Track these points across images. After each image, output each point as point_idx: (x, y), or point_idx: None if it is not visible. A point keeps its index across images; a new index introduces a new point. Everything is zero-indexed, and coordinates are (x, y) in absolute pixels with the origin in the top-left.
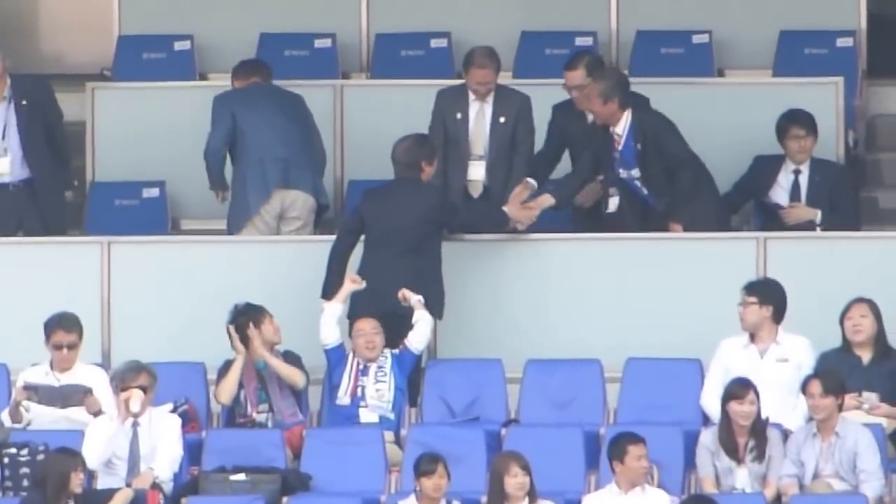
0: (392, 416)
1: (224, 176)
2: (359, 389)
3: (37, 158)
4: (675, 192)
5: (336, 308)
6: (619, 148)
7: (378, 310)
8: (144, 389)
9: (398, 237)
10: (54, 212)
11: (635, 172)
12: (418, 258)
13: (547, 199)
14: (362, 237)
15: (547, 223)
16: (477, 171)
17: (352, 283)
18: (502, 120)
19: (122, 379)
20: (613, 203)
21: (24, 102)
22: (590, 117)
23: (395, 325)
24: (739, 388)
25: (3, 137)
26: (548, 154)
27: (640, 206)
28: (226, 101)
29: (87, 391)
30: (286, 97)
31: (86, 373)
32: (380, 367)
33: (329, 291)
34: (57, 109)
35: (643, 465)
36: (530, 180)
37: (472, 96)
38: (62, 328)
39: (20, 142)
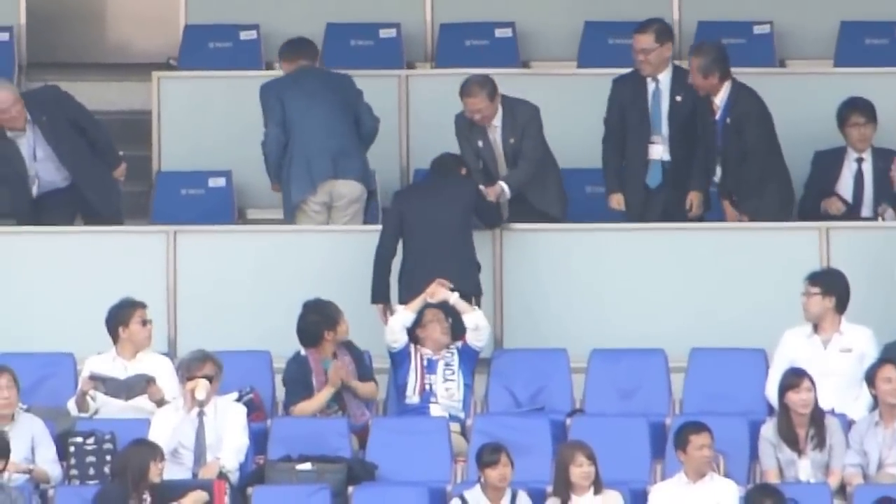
0: (462, 414)
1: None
2: (427, 386)
3: (74, 162)
4: (740, 180)
5: (408, 317)
6: (716, 118)
7: (433, 303)
8: (210, 379)
9: (442, 230)
10: (106, 206)
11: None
12: (461, 247)
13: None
14: None
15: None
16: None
17: (438, 285)
18: (511, 141)
19: (188, 368)
20: (719, 172)
21: (43, 119)
22: (650, 87)
23: (450, 314)
24: (794, 378)
25: (35, 159)
26: (612, 137)
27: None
28: (273, 89)
29: (150, 380)
30: (333, 81)
31: (151, 361)
32: (447, 365)
33: (379, 295)
34: (76, 107)
35: (704, 455)
36: (502, 184)
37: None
38: (140, 305)
39: (53, 155)
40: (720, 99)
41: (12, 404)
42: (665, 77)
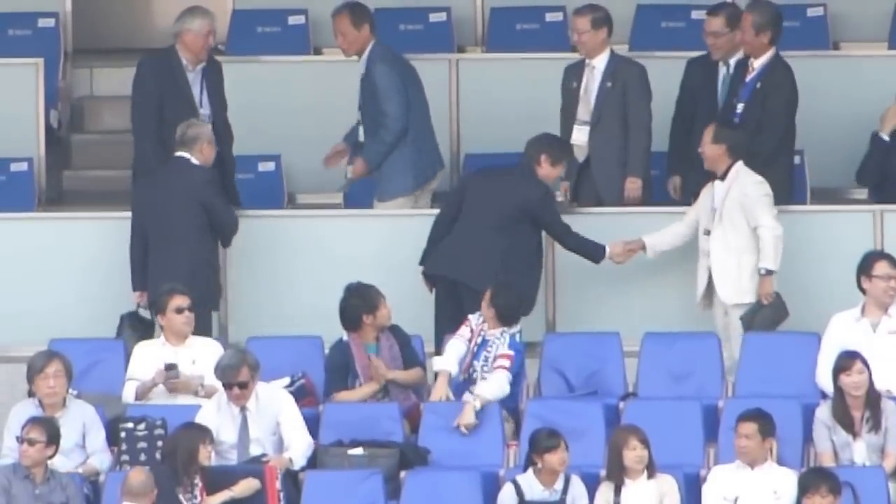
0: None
1: None
2: (470, 371)
3: (220, 127)
4: (754, 150)
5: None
6: (747, 80)
7: (453, 274)
8: (245, 385)
9: (490, 214)
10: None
11: (739, 109)
12: (508, 241)
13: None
14: None
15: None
16: (579, 136)
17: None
18: (609, 85)
19: (223, 375)
20: None
21: (211, 75)
22: (721, 72)
23: (468, 297)
24: (846, 360)
25: (201, 105)
26: (678, 119)
27: None
28: (396, 66)
29: (171, 367)
30: None
31: (201, 346)
32: (486, 359)
33: (422, 259)
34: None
35: (739, 444)
36: (634, 180)
37: (586, 63)
38: (177, 292)
39: (211, 109)
40: (759, 63)
41: (58, 394)
42: (736, 62)
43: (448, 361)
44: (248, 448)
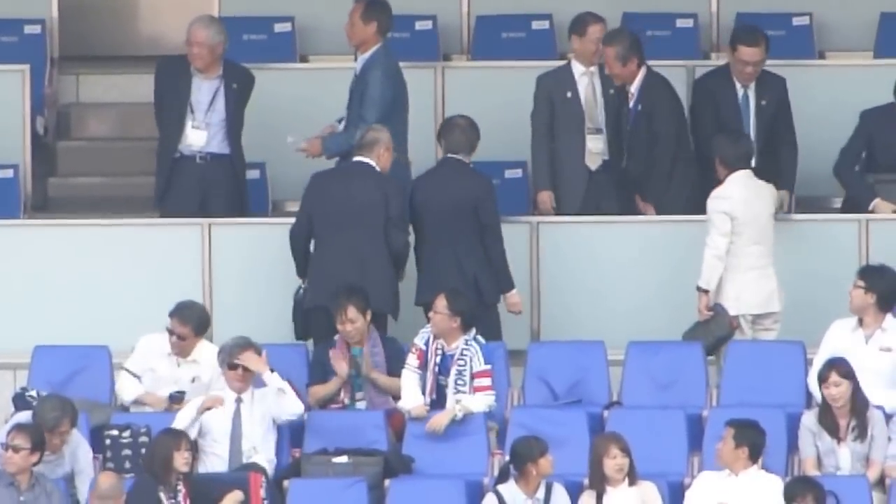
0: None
1: None
2: (441, 387)
3: (235, 139)
4: (651, 167)
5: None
6: (630, 105)
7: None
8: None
9: (448, 226)
10: (244, 190)
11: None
12: (476, 243)
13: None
14: None
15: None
16: (596, 144)
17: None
18: (611, 91)
19: (229, 354)
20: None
21: (234, 86)
22: (739, 92)
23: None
24: (825, 370)
25: (208, 112)
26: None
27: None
28: (393, 78)
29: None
30: None
31: (206, 353)
32: (459, 374)
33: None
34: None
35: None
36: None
37: (577, 71)
38: (177, 317)
39: (225, 119)
40: (634, 87)
41: (64, 443)
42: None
43: (412, 398)
44: (240, 440)
